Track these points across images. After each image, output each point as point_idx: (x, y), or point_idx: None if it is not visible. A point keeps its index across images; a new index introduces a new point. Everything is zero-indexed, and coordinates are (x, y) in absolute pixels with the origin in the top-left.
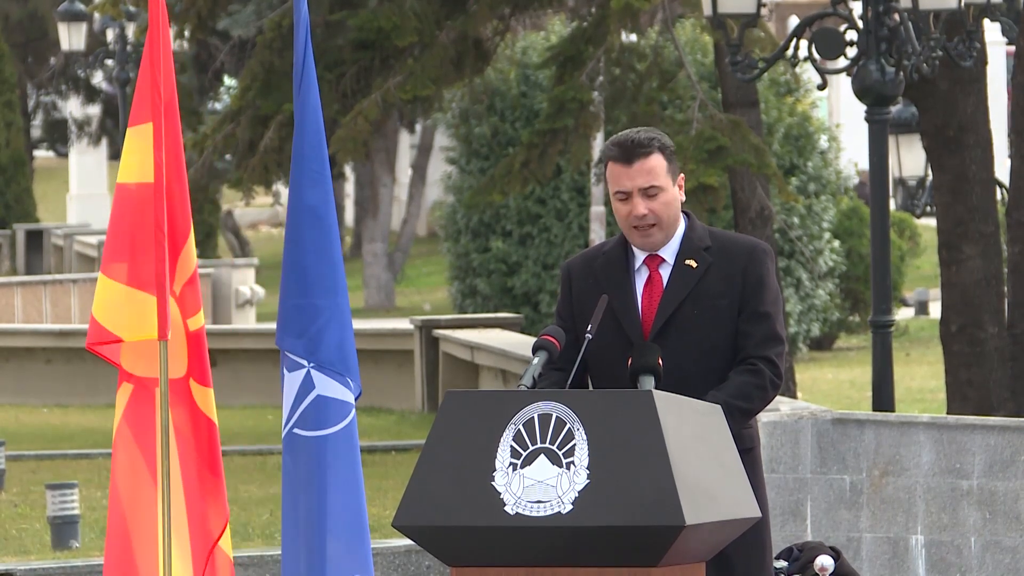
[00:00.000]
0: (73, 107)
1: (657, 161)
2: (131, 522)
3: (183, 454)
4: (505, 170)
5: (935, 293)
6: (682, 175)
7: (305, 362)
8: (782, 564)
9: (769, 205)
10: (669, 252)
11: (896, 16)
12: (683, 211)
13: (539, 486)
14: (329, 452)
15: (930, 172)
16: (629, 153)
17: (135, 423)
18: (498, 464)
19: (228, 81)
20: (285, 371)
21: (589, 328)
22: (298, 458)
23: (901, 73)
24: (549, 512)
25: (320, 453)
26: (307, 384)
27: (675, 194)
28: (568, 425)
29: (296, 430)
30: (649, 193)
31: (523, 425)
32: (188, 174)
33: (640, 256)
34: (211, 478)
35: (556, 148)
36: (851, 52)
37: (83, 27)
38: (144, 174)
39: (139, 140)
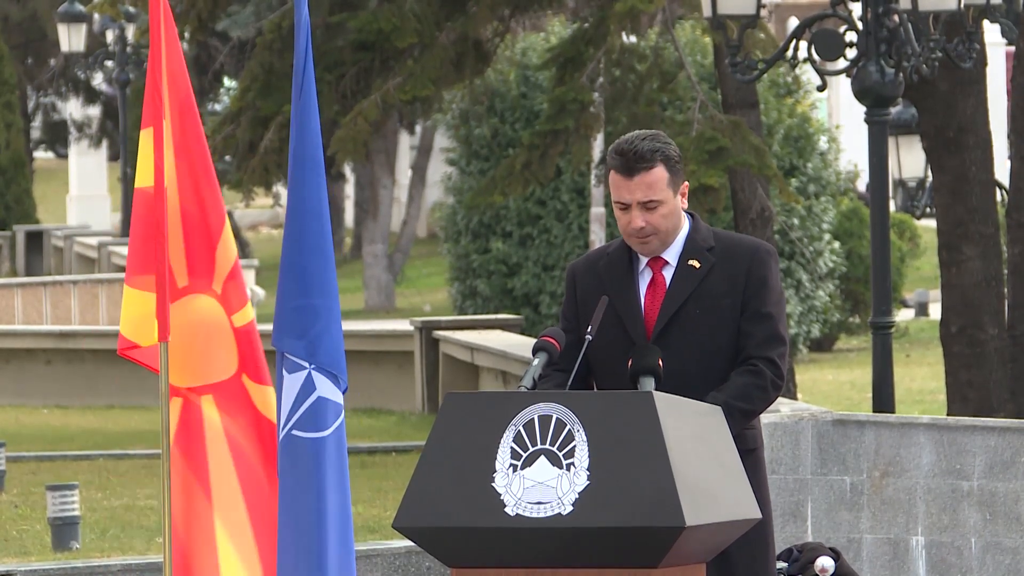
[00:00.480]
0: (73, 108)
1: (659, 174)
2: (189, 541)
3: (241, 458)
4: (506, 171)
5: (935, 294)
6: (686, 183)
7: (306, 364)
8: (782, 565)
9: (769, 206)
10: (672, 253)
11: (896, 17)
12: (687, 212)
13: (539, 487)
14: (326, 453)
15: (930, 173)
16: (630, 166)
17: (183, 441)
18: (498, 465)
19: (228, 82)
20: (284, 373)
21: (589, 329)
22: (298, 460)
23: (901, 74)
24: (549, 513)
25: (319, 455)
26: (308, 386)
27: (676, 204)
28: (568, 426)
29: (295, 432)
30: (648, 206)
31: (523, 426)
32: None
33: (644, 257)
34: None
35: (557, 149)
36: (851, 53)
37: (83, 28)
38: (145, 178)
39: (145, 145)
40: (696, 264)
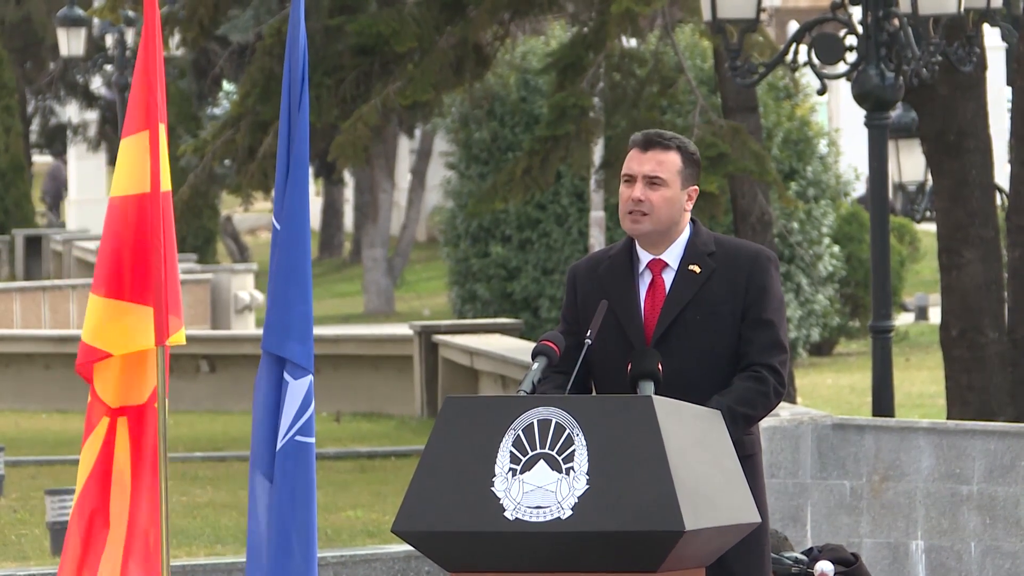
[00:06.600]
0: (72, 112)
1: (672, 157)
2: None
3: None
4: (507, 178)
5: (935, 298)
6: (695, 187)
7: (309, 370)
8: (803, 558)
9: (769, 211)
10: (673, 257)
11: (896, 21)
12: (690, 218)
13: (539, 491)
14: (314, 458)
15: (930, 177)
16: (649, 141)
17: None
18: (498, 470)
19: (227, 86)
20: (289, 378)
21: (589, 334)
22: (302, 465)
23: (901, 78)
24: (549, 517)
25: (312, 459)
26: (310, 391)
27: (679, 196)
28: (568, 430)
29: (299, 437)
30: (653, 182)
31: (523, 431)
32: (188, 179)
33: (644, 260)
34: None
35: (558, 155)
36: (851, 57)
37: (82, 32)
38: (137, 184)
39: (132, 149)
40: (696, 269)
